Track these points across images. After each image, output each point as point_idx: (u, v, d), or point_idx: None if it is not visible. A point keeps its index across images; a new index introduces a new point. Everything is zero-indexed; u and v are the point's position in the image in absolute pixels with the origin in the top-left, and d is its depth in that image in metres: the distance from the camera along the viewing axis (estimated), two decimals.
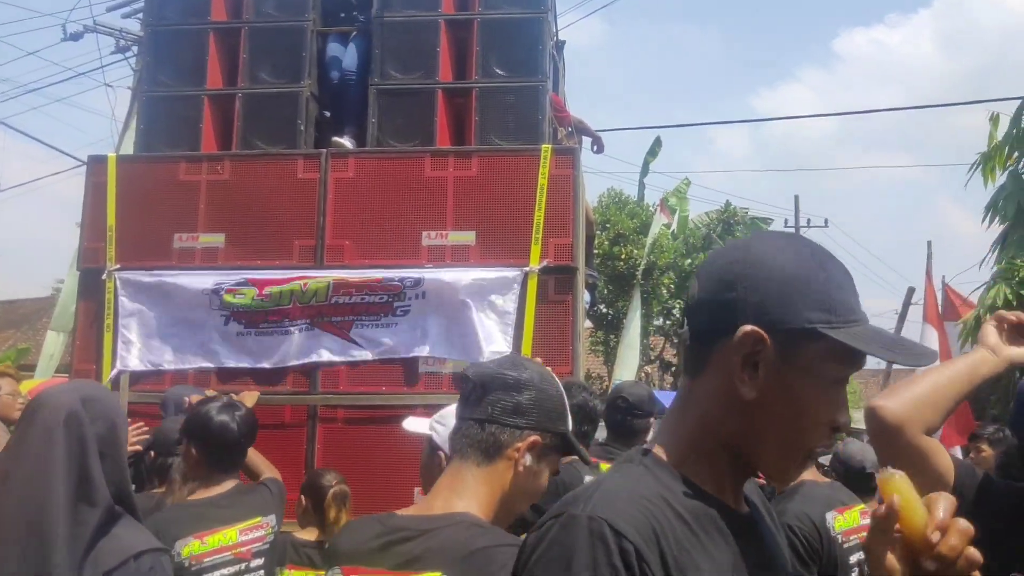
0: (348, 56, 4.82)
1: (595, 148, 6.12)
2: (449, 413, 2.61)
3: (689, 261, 22.84)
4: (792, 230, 28.55)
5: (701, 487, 1.10)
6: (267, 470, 3.13)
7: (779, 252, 1.11)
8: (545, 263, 4.17)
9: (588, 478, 2.97)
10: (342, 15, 4.94)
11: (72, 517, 1.67)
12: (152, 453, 3.39)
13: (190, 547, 2.62)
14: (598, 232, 20.26)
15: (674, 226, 18.32)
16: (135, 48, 11.04)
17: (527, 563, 1.03)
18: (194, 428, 2.81)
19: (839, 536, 2.50)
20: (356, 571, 1.56)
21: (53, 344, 10.50)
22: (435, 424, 2.60)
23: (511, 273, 4.17)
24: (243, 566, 2.71)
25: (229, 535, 2.70)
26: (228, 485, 2.79)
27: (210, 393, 4.13)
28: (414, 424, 2.85)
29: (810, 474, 2.65)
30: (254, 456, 3.16)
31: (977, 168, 8.84)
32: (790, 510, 2.49)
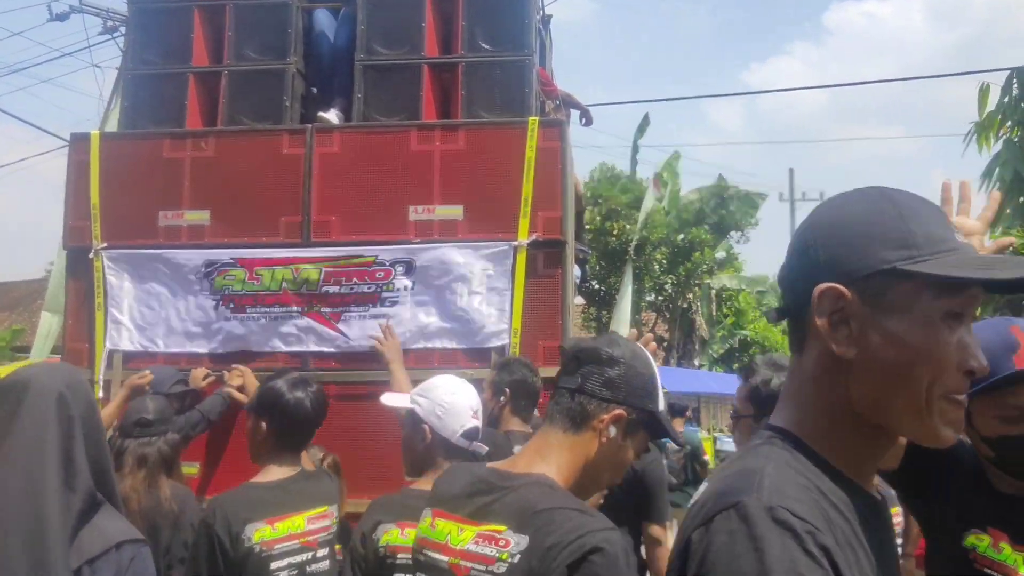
0: (334, 31, 4.79)
1: (583, 121, 6.10)
2: (431, 386, 2.62)
3: (682, 236, 22.86)
4: (787, 204, 28.59)
5: (843, 472, 1.05)
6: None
7: (844, 202, 1.08)
8: (534, 237, 4.17)
9: (517, 448, 3.04)
10: None
11: (62, 504, 1.65)
12: (117, 434, 3.35)
13: (261, 532, 2.56)
14: (590, 207, 20.22)
15: (665, 200, 18.34)
16: (122, 28, 10.94)
17: (703, 561, 0.94)
18: (267, 403, 2.74)
19: None
20: (441, 515, 1.72)
21: (48, 325, 10.50)
22: (416, 397, 2.60)
23: (500, 247, 4.17)
24: (310, 555, 2.66)
25: (298, 522, 2.64)
26: (294, 468, 2.74)
27: (197, 374, 4.15)
28: (393, 399, 2.85)
29: None
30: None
31: (971, 137, 8.86)
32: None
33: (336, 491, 2.88)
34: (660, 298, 23.73)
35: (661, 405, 1.77)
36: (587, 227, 18.07)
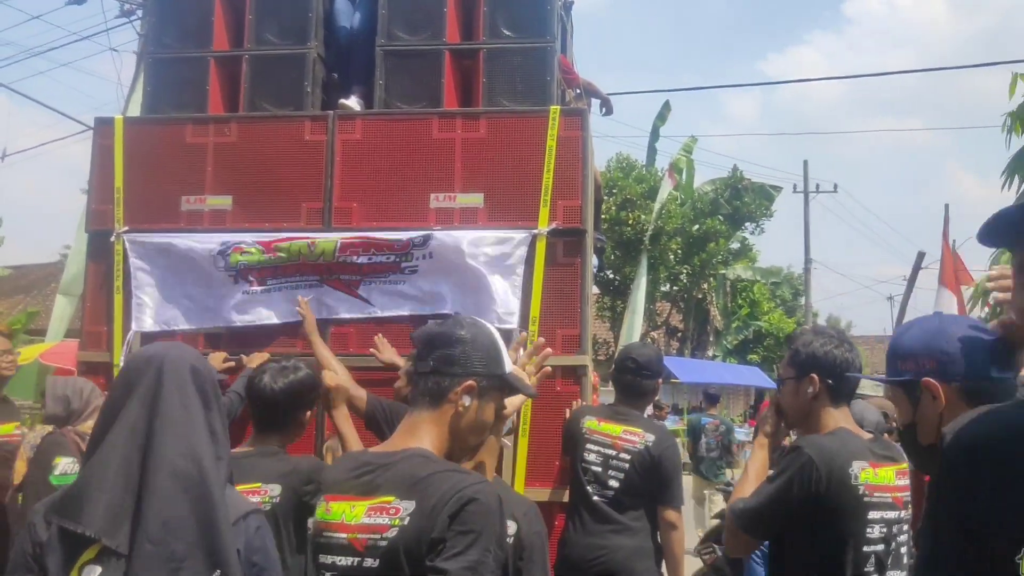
0: (355, 17, 4.78)
1: (604, 110, 6.08)
2: None
3: (697, 227, 22.77)
4: (801, 195, 28.41)
5: None
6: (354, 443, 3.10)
7: None
8: (554, 225, 4.16)
9: None
10: None
11: (216, 470, 1.80)
12: None
13: None
14: (606, 197, 20.16)
15: (681, 190, 18.22)
16: (140, 12, 10.95)
17: None
18: (246, 386, 3.04)
19: (860, 487, 2.42)
20: (335, 498, 1.86)
21: (62, 308, 10.56)
22: None
23: (519, 235, 4.16)
24: None
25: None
26: (252, 446, 2.90)
27: (216, 356, 4.16)
28: None
29: (847, 422, 2.58)
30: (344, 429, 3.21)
31: (1008, 128, 8.69)
32: (816, 442, 2.43)
33: (284, 472, 2.90)
34: (675, 288, 23.68)
35: (508, 368, 2.01)
36: (603, 217, 18.02)
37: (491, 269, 4.15)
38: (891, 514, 2.46)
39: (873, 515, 2.41)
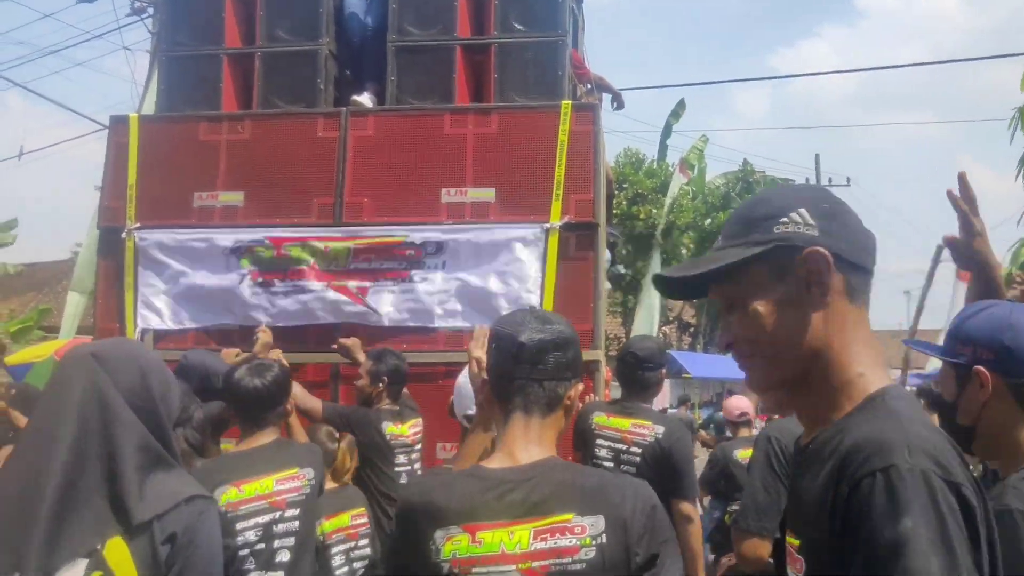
0: (365, 12, 4.77)
1: (615, 105, 6.06)
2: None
3: (709, 221, 22.72)
4: None
5: None
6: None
7: None
8: (566, 219, 4.15)
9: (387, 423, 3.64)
10: None
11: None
12: None
13: (227, 495, 2.70)
14: (616, 192, 20.13)
15: (692, 185, 18.16)
16: (151, 9, 10.97)
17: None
18: (225, 390, 2.97)
19: None
20: (479, 527, 1.60)
21: (74, 305, 10.61)
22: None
23: (532, 230, 4.16)
24: (278, 515, 2.78)
25: (266, 484, 2.78)
26: (267, 439, 2.89)
27: (228, 353, 4.16)
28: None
29: None
30: (295, 428, 3.32)
31: (1016, 123, 8.65)
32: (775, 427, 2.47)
33: (312, 456, 2.99)
34: None
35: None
36: (614, 211, 18.00)
37: (503, 268, 4.15)
38: None
39: None
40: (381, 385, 3.85)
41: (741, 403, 5.23)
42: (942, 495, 0.99)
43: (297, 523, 2.82)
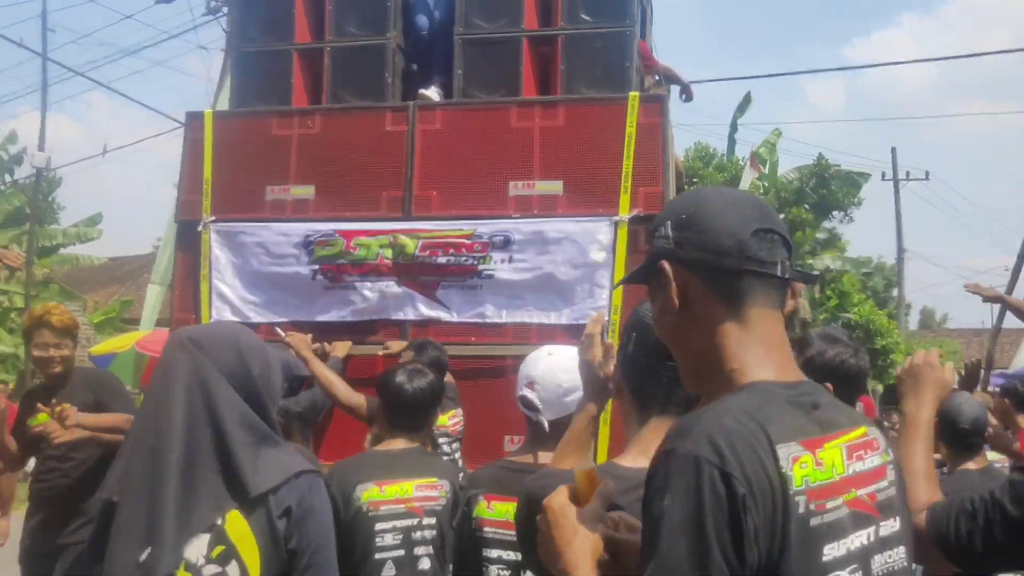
0: (433, 5, 4.79)
1: (684, 97, 5.96)
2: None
3: (782, 216, 22.21)
4: (890, 183, 27.50)
5: None
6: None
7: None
8: (635, 212, 4.10)
9: None
10: None
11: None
12: None
13: (369, 492, 2.74)
14: (687, 187, 19.86)
15: (764, 179, 17.83)
16: (225, 8, 11.23)
17: None
18: (380, 386, 3.01)
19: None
20: None
21: (154, 297, 10.94)
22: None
23: (600, 223, 4.12)
24: (415, 521, 2.79)
25: (406, 488, 2.79)
26: (408, 444, 2.90)
27: (303, 338, 4.21)
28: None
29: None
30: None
31: None
32: None
33: (451, 471, 3.00)
34: None
35: None
36: None
37: (572, 262, 4.12)
38: None
39: None
40: None
41: None
42: (708, 482, 1.01)
43: (435, 532, 2.82)
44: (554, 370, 2.56)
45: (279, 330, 4.26)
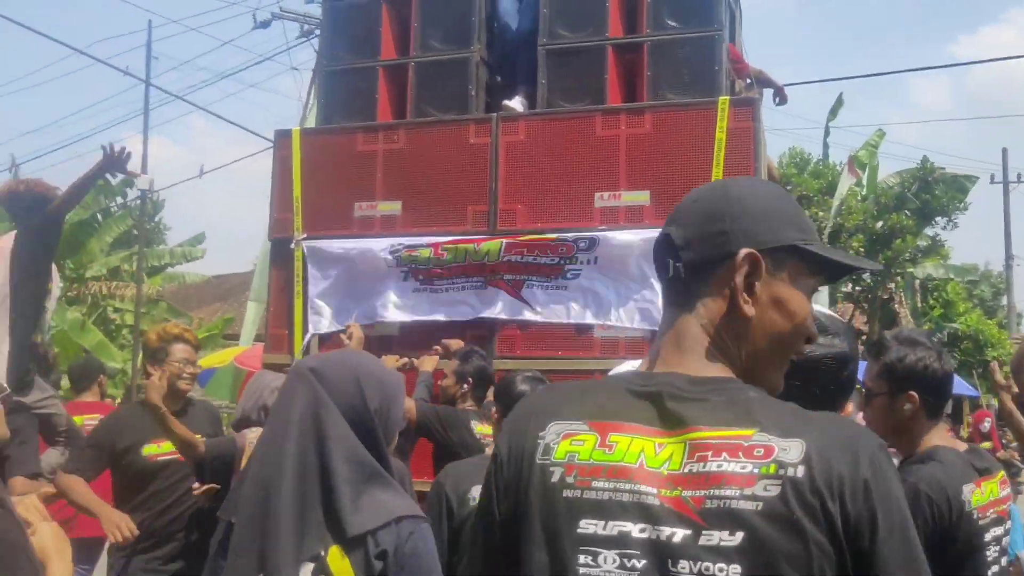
0: (516, 18, 4.78)
1: (777, 100, 5.77)
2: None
3: (880, 223, 21.48)
4: (999, 186, 26.24)
5: None
6: None
7: (753, 185, 1.27)
8: None
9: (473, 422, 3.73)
10: None
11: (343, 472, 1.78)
12: None
13: None
14: None
15: (863, 184, 17.23)
16: (317, 31, 11.54)
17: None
18: (500, 394, 3.03)
19: (975, 512, 2.19)
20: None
21: (252, 313, 11.27)
22: None
23: None
24: None
25: None
26: None
27: (389, 360, 4.24)
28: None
29: (941, 438, 2.33)
30: None
31: None
32: (925, 475, 2.20)
33: None
34: (857, 288, 22.42)
35: None
36: None
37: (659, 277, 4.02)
38: (999, 529, 2.25)
39: (988, 537, 2.20)
40: (466, 386, 3.88)
41: None
42: (496, 444, 1.28)
43: None
44: None
45: (342, 329, 4.27)
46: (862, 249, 21.04)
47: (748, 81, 5.08)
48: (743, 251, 1.14)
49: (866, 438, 1.09)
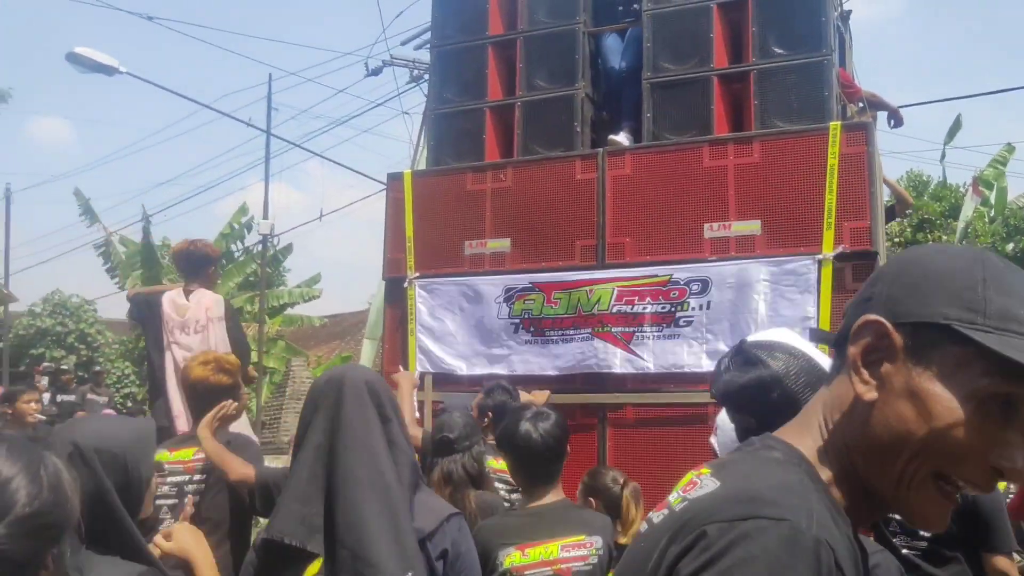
0: (621, 53, 4.81)
1: (892, 123, 5.59)
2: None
3: (1011, 245, 20.35)
4: None
5: (847, 515, 0.94)
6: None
7: (936, 251, 0.97)
8: (840, 249, 3.87)
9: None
10: (619, 8, 4.92)
11: (397, 476, 1.86)
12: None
13: (511, 558, 2.57)
14: (899, 220, 18.66)
15: (992, 204, 16.40)
16: (426, 75, 11.86)
17: (719, 562, 0.84)
18: (502, 438, 2.80)
19: None
20: None
21: (367, 351, 11.56)
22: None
23: (803, 262, 3.92)
24: None
25: (551, 549, 2.60)
26: (551, 497, 2.70)
27: (540, 395, 4.25)
28: None
29: None
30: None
31: None
32: None
33: (603, 524, 2.76)
34: None
35: None
36: (897, 240, 16.67)
37: (773, 306, 3.94)
38: None
39: None
40: (486, 420, 3.80)
41: None
42: None
43: None
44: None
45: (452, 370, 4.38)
46: None
47: (860, 105, 4.96)
48: (864, 318, 0.94)
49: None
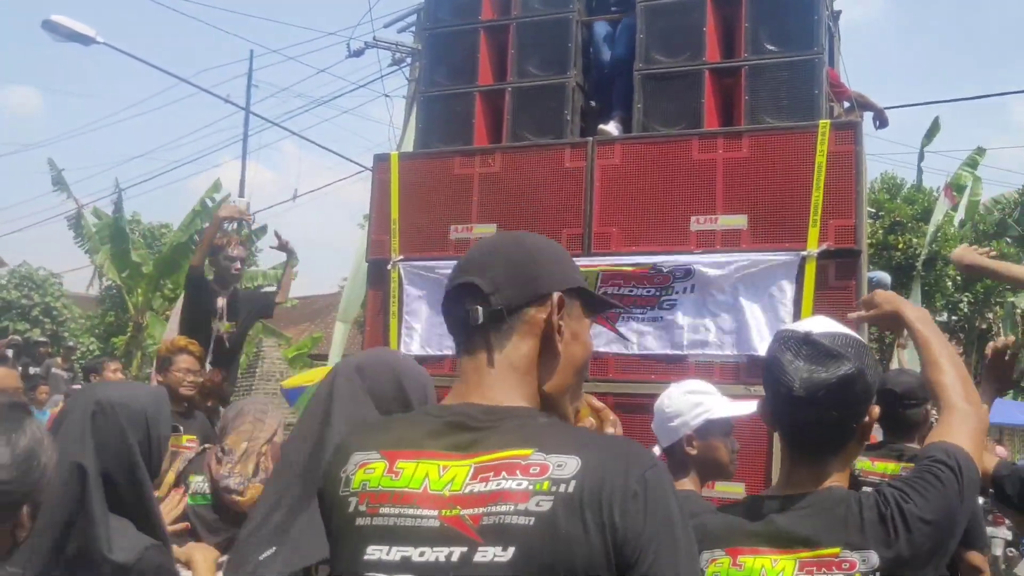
0: (613, 43, 4.81)
1: (877, 123, 5.65)
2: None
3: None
4: None
5: None
6: None
7: (536, 235, 1.40)
8: (824, 246, 3.91)
9: None
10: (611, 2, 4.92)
11: None
12: None
13: None
14: (872, 221, 18.89)
15: (962, 211, 16.65)
16: (408, 59, 11.79)
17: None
18: None
19: None
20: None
21: (340, 333, 11.53)
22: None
23: (787, 258, 3.96)
24: None
25: None
26: None
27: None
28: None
29: None
30: None
31: None
32: None
33: None
34: (954, 318, 21.63)
35: None
36: (868, 241, 16.85)
37: (756, 299, 3.98)
38: None
39: None
40: None
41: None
42: None
43: None
44: (661, 399, 2.67)
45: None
46: (958, 278, 20.31)
47: (847, 104, 5.00)
48: (556, 293, 1.29)
49: (639, 455, 1.17)
